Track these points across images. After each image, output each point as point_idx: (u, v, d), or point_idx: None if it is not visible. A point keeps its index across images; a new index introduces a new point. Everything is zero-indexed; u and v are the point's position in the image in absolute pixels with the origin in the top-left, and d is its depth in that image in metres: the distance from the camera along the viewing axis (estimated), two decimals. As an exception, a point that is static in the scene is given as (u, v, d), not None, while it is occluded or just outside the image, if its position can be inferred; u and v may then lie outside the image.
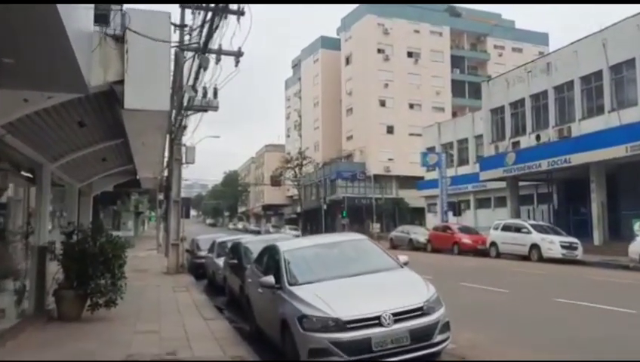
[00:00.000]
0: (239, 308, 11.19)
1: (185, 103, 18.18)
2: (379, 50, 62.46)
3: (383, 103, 62.28)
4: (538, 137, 28.42)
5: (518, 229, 22.57)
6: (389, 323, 5.58)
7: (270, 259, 7.80)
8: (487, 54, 68.26)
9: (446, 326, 5.98)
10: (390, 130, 62.25)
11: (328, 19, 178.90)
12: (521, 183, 31.23)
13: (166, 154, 18.79)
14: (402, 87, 62.01)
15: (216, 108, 21.50)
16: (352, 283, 6.37)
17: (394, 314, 5.65)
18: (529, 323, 8.94)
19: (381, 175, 60.15)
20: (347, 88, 66.57)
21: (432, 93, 63.45)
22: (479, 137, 39.82)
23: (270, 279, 6.78)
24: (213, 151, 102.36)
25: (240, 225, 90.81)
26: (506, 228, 23.39)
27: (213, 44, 17.03)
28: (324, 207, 58.26)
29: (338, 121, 68.57)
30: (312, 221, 69.54)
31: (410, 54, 63.46)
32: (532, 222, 23.64)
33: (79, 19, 4.76)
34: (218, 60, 20.19)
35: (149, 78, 6.70)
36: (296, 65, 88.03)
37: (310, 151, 71.64)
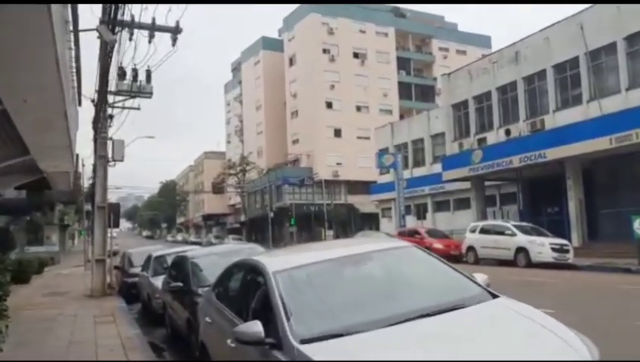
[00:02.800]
0: (187, 346, 7.86)
1: (110, 81, 14.50)
2: (324, 51, 59.92)
3: (329, 105, 59.68)
4: (508, 132, 26.37)
5: (500, 232, 20.15)
6: None
7: (245, 286, 4.53)
8: (432, 56, 67.21)
9: None
10: (338, 133, 59.72)
11: (269, 19, 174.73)
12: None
13: (87, 148, 14.93)
14: (349, 88, 59.69)
15: (149, 95, 17.84)
16: (423, 336, 3.17)
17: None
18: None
19: (329, 180, 57.46)
20: (291, 90, 63.56)
21: (379, 95, 61.50)
22: (436, 136, 37.83)
23: (255, 328, 3.49)
24: (149, 160, 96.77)
25: (179, 237, 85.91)
26: (485, 230, 20.99)
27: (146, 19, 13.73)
28: (271, 214, 54.74)
29: (283, 125, 65.40)
30: (257, 230, 65.86)
31: (356, 55, 61.33)
32: (514, 223, 21.32)
33: None
34: (152, 37, 16.80)
35: None
36: (235, 69, 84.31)
37: (253, 157, 68.11)
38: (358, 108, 60.95)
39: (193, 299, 7.66)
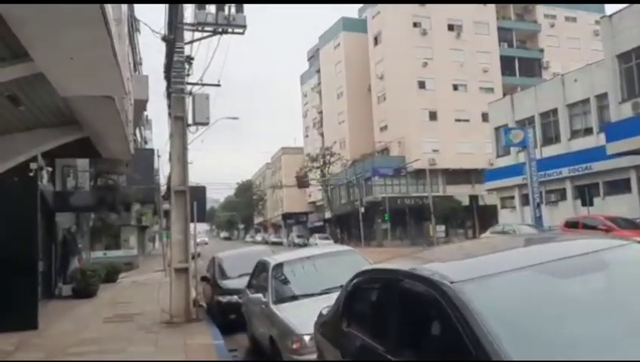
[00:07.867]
0: None
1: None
2: (414, 24, 53.28)
3: (422, 85, 53.00)
4: None
5: None
6: None
7: None
8: (537, 25, 58.81)
9: None
10: (433, 116, 52.94)
11: (344, 6, 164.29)
12: None
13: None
14: (444, 65, 52.68)
15: (242, 29, 12.38)
16: None
17: None
18: None
19: (425, 169, 50.75)
20: (378, 72, 57.38)
21: (478, 72, 54.04)
22: (574, 105, 30.65)
23: None
24: (225, 155, 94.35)
25: (258, 237, 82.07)
26: None
27: None
28: (362, 210, 48.89)
29: (368, 111, 59.32)
30: (343, 228, 60.37)
31: (450, 27, 54.25)
32: None
33: None
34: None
35: None
36: (312, 57, 79.20)
37: (335, 149, 62.51)
38: (455, 88, 53.88)
39: None
